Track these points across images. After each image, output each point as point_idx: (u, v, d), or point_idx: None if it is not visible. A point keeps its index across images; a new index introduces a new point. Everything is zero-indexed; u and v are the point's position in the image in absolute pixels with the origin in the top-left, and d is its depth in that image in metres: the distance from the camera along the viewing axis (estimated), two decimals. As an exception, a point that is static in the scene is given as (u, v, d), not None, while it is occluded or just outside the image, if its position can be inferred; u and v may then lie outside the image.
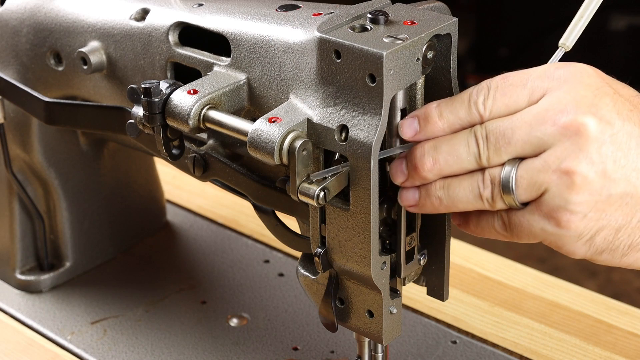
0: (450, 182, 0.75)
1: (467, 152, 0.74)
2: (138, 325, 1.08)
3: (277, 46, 0.82)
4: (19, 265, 1.14)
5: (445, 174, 0.75)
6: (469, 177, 0.75)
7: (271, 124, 0.77)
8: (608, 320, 1.07)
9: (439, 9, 0.80)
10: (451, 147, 0.74)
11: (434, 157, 0.75)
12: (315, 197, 0.76)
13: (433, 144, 0.75)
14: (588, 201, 0.72)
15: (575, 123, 0.71)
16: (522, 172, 0.73)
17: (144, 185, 1.21)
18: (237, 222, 1.25)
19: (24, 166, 1.11)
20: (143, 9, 0.93)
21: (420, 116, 0.76)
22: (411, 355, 1.02)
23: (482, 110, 0.74)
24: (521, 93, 0.74)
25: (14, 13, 1.03)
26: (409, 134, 0.76)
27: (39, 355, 1.04)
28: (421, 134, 0.76)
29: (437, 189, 0.76)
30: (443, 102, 0.76)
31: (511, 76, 0.75)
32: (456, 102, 0.75)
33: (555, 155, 0.71)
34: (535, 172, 0.72)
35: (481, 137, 0.74)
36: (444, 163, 0.75)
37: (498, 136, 0.73)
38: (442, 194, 0.76)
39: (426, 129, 0.76)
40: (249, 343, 1.04)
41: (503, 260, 1.18)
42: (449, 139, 0.75)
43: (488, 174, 0.74)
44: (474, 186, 0.75)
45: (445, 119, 0.75)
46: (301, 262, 0.86)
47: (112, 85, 0.97)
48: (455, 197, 0.75)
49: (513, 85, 0.74)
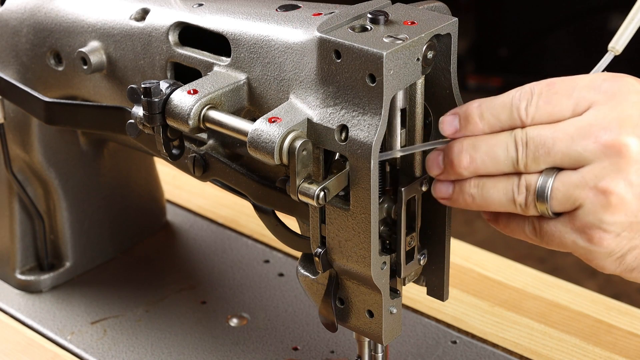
0: (485, 182, 0.75)
1: (505, 155, 0.74)
2: (138, 325, 1.08)
3: (277, 46, 0.82)
4: (19, 265, 1.14)
5: (480, 173, 0.75)
6: (504, 179, 0.75)
7: (271, 124, 0.77)
8: (608, 320, 1.07)
9: (439, 9, 0.80)
10: (490, 147, 0.74)
11: (472, 156, 0.75)
12: (315, 197, 0.76)
13: (472, 142, 0.75)
14: (622, 222, 0.71)
15: (617, 143, 0.71)
16: (558, 184, 0.72)
17: (144, 185, 1.21)
18: (237, 222, 1.25)
19: (24, 166, 1.11)
20: (143, 9, 0.93)
21: (461, 115, 0.76)
22: (411, 355, 1.02)
23: (524, 115, 0.74)
24: (566, 103, 0.73)
25: (14, 13, 1.03)
26: (449, 132, 0.76)
27: (39, 355, 1.04)
28: (461, 132, 0.76)
29: (471, 187, 0.76)
30: (485, 102, 0.75)
31: (557, 83, 0.74)
32: (498, 105, 0.75)
33: (594, 173, 0.71)
34: (572, 186, 0.72)
35: (521, 143, 0.73)
36: (481, 162, 0.74)
37: (538, 144, 0.73)
38: (475, 192, 0.76)
39: (466, 128, 0.75)
40: (249, 343, 1.04)
41: (503, 260, 1.18)
42: (489, 139, 0.74)
43: (524, 179, 0.74)
44: (508, 190, 0.74)
45: (486, 121, 0.75)
46: (301, 262, 0.86)
47: (112, 85, 0.97)
48: (489, 198, 0.75)
49: (558, 93, 0.73)
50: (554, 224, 0.74)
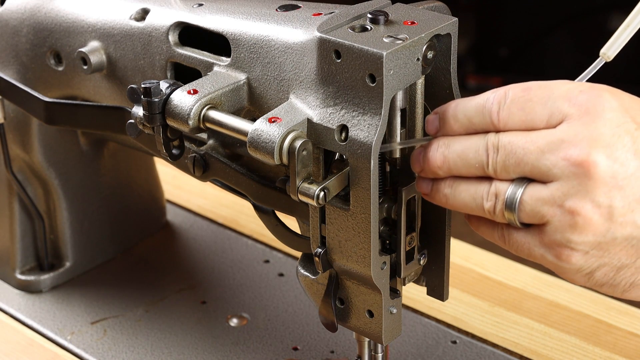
0: (458, 184, 0.75)
1: (475, 158, 0.73)
2: (138, 325, 1.08)
3: (277, 46, 0.82)
4: (19, 265, 1.14)
5: (453, 173, 0.75)
6: (475, 183, 0.74)
7: (271, 124, 0.77)
8: (608, 320, 1.07)
9: (439, 9, 0.80)
10: (462, 149, 0.74)
11: (445, 155, 0.75)
12: (315, 197, 0.76)
13: (447, 142, 0.75)
14: (590, 241, 0.71)
15: (586, 162, 0.69)
16: (526, 198, 0.71)
17: (144, 185, 1.21)
18: (237, 222, 1.25)
19: (24, 166, 1.11)
20: (143, 9, 0.93)
21: (440, 114, 0.76)
22: (411, 355, 1.02)
23: (495, 120, 0.73)
24: (540, 112, 0.72)
25: (14, 13, 1.03)
26: (430, 131, 0.76)
27: (39, 355, 1.04)
28: (440, 132, 0.76)
29: (446, 187, 0.76)
30: (461, 103, 0.75)
31: (533, 89, 0.72)
32: (472, 107, 0.74)
33: (562, 191, 0.70)
34: (540, 202, 0.71)
35: (492, 148, 0.72)
36: (453, 163, 0.74)
37: (509, 153, 0.72)
38: (449, 193, 0.76)
39: (444, 128, 0.75)
40: (249, 343, 1.04)
41: (503, 260, 1.18)
42: (463, 141, 0.74)
43: (494, 187, 0.73)
44: (477, 194, 0.74)
45: (460, 123, 0.74)
46: (301, 262, 0.86)
47: (112, 85, 0.97)
48: (460, 199, 0.75)
49: (532, 101, 0.72)
50: (522, 235, 0.74)
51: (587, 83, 0.73)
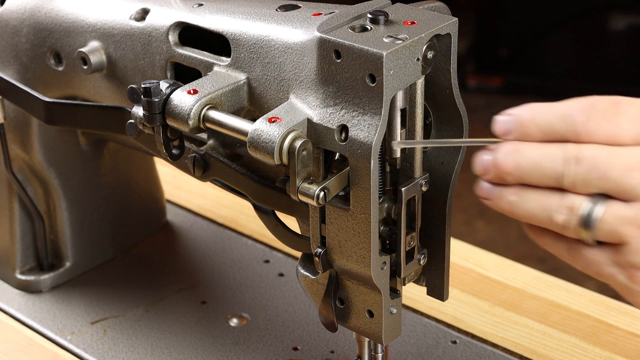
0: (526, 193, 0.71)
1: (552, 168, 0.69)
2: (138, 325, 1.08)
3: (277, 46, 0.82)
4: (19, 265, 1.14)
5: (524, 181, 0.71)
6: (546, 194, 0.70)
7: (271, 124, 0.77)
8: (608, 320, 1.07)
9: (439, 9, 0.80)
10: (538, 157, 0.70)
11: (518, 162, 0.71)
12: (315, 197, 0.76)
13: (520, 148, 0.71)
14: None
15: None
16: (607, 216, 0.68)
17: (144, 185, 1.21)
18: (237, 222, 1.25)
19: (24, 166, 1.11)
20: (143, 9, 0.93)
21: (515, 117, 0.71)
22: (411, 355, 1.02)
23: (581, 131, 0.69)
24: (628, 128, 0.68)
25: (14, 13, 1.03)
26: (500, 132, 0.72)
27: (39, 355, 1.04)
28: (512, 135, 0.71)
29: (512, 194, 0.72)
30: (540, 109, 0.71)
31: (623, 104, 0.69)
32: (554, 114, 0.70)
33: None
34: (621, 221, 0.68)
35: (573, 159, 0.69)
36: (526, 171, 0.70)
37: (592, 166, 0.68)
38: (514, 201, 0.72)
39: (518, 132, 0.71)
40: (249, 343, 1.04)
41: (503, 260, 1.18)
42: (538, 148, 0.70)
43: (569, 200, 0.69)
44: (548, 206, 0.70)
45: (540, 128, 0.70)
46: (301, 262, 0.86)
47: (112, 85, 0.97)
48: (526, 209, 0.71)
49: (623, 116, 0.69)
50: (594, 252, 0.71)
51: None
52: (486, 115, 3.70)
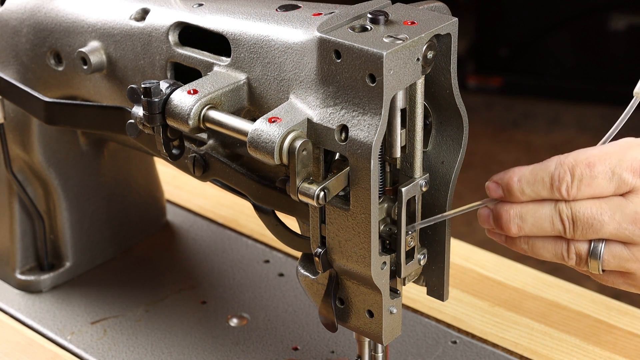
0: (534, 242, 0.79)
1: (551, 227, 0.77)
2: (138, 325, 1.08)
3: (277, 46, 0.82)
4: (19, 265, 1.14)
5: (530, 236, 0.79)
6: (553, 241, 0.79)
7: (271, 124, 0.77)
8: (608, 320, 1.07)
9: (439, 9, 0.80)
10: (536, 220, 0.77)
11: (519, 226, 0.78)
12: (315, 197, 0.76)
13: (519, 214, 0.78)
14: None
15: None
16: (609, 257, 0.77)
17: (144, 185, 1.21)
18: (237, 222, 1.25)
19: (24, 166, 1.11)
20: (143, 9, 0.93)
21: (504, 186, 0.78)
22: (411, 355, 1.02)
23: (565, 195, 0.76)
24: (606, 186, 0.76)
25: (14, 13, 1.03)
26: (494, 196, 0.79)
27: (39, 355, 1.04)
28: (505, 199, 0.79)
29: (522, 243, 0.80)
30: (523, 178, 0.77)
31: (596, 167, 0.76)
32: (538, 182, 0.77)
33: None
34: (624, 260, 0.77)
35: (567, 219, 0.76)
36: (529, 231, 0.78)
37: (585, 224, 0.76)
38: (526, 248, 0.80)
39: (510, 199, 0.78)
40: (249, 343, 1.04)
41: (503, 260, 1.18)
42: (534, 212, 0.77)
43: (573, 247, 0.78)
44: (557, 252, 0.78)
45: (527, 195, 0.77)
46: (301, 262, 0.86)
47: (112, 85, 0.97)
48: (539, 253, 0.80)
49: (598, 178, 0.76)
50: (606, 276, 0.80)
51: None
52: (486, 115, 3.70)
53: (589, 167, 0.76)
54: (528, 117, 3.23)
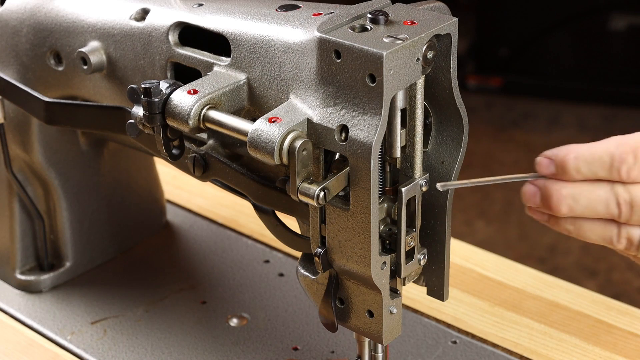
0: (582, 224, 0.76)
1: (606, 210, 0.74)
2: (138, 325, 1.08)
3: (277, 46, 0.82)
4: (19, 265, 1.14)
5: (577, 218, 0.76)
6: (603, 225, 0.76)
7: (271, 124, 0.77)
8: (608, 320, 1.07)
9: (439, 9, 0.80)
10: (590, 202, 0.74)
11: (571, 206, 0.75)
12: (315, 197, 0.76)
13: (572, 194, 0.75)
14: None
15: None
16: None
17: (144, 185, 1.21)
18: (237, 222, 1.25)
19: (24, 166, 1.11)
20: (143, 9, 0.94)
21: (558, 163, 0.75)
22: (411, 355, 1.03)
23: (624, 177, 0.73)
24: None
25: (14, 13, 1.03)
26: (545, 173, 0.76)
27: (39, 355, 1.04)
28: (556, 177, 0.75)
29: (568, 224, 0.77)
30: (581, 155, 0.74)
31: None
32: (596, 161, 0.74)
33: None
34: None
35: (624, 203, 0.74)
36: (580, 213, 0.75)
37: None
38: (572, 229, 0.77)
39: (562, 176, 0.75)
40: (249, 343, 1.04)
41: (503, 260, 1.18)
42: (589, 193, 0.74)
43: (625, 231, 0.75)
44: (606, 235, 0.76)
45: (582, 174, 0.74)
46: (301, 262, 0.86)
47: (112, 85, 0.97)
48: (585, 236, 0.77)
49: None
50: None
51: None
52: (486, 115, 3.70)
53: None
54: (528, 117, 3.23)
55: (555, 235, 2.50)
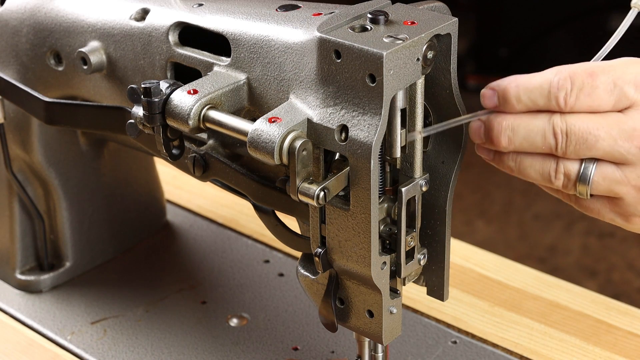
0: (522, 159, 0.76)
1: (543, 141, 0.74)
2: (138, 325, 1.08)
3: (277, 46, 0.82)
4: (19, 265, 1.14)
5: (519, 151, 0.76)
6: (541, 159, 0.75)
7: (271, 124, 0.77)
8: (608, 320, 1.07)
9: (439, 9, 0.80)
10: (528, 132, 0.74)
11: (510, 138, 0.75)
12: (315, 197, 0.76)
13: (511, 126, 0.75)
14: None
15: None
16: (599, 179, 0.74)
17: (144, 185, 1.21)
18: (237, 222, 1.25)
19: (24, 166, 1.11)
20: (143, 9, 0.94)
21: (499, 93, 0.76)
22: (411, 355, 1.03)
23: (562, 105, 0.73)
24: (607, 99, 0.73)
25: (14, 13, 1.03)
26: (488, 106, 0.76)
27: (39, 355, 1.04)
28: (499, 108, 0.76)
29: (510, 160, 0.77)
30: (522, 84, 0.75)
31: (598, 77, 0.73)
32: (535, 89, 0.74)
33: (636, 174, 0.73)
34: (614, 182, 0.74)
35: (561, 133, 0.74)
36: (519, 145, 0.75)
37: (580, 139, 0.73)
38: (513, 165, 0.77)
39: (504, 107, 0.75)
40: (249, 343, 1.04)
41: (503, 260, 1.18)
42: (527, 123, 0.75)
43: (562, 166, 0.75)
44: (545, 171, 0.75)
45: (523, 104, 0.75)
46: (301, 262, 0.86)
47: (112, 85, 0.97)
48: (525, 172, 0.77)
49: (599, 88, 0.73)
50: (593, 202, 0.76)
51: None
52: (486, 115, 3.64)
53: (591, 76, 0.73)
54: (528, 117, 3.22)
55: (555, 235, 2.50)
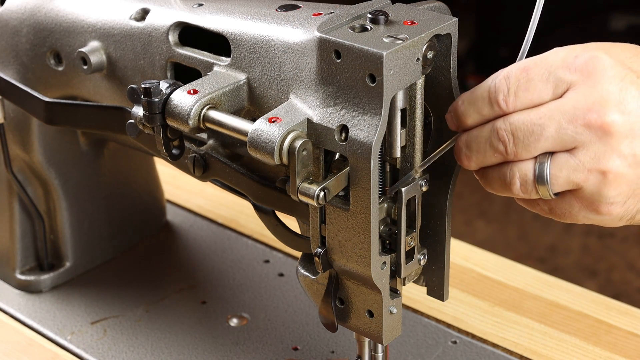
0: (485, 172, 0.77)
1: (492, 149, 0.74)
2: (138, 325, 1.08)
3: (277, 46, 0.82)
4: (19, 265, 1.14)
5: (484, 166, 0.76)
6: (498, 169, 0.76)
7: (271, 124, 0.77)
8: (608, 320, 1.07)
9: (439, 9, 0.80)
10: (478, 145, 0.75)
11: (467, 155, 0.76)
12: (315, 197, 0.76)
13: (465, 143, 0.76)
14: (625, 192, 0.73)
15: (605, 124, 0.72)
16: (556, 171, 0.73)
17: (144, 185, 1.21)
18: (237, 222, 1.25)
19: (24, 166, 1.11)
20: (143, 9, 0.94)
21: (454, 114, 0.77)
22: (411, 355, 1.03)
23: (504, 106, 0.74)
24: (544, 88, 0.74)
25: (14, 13, 1.03)
26: (452, 129, 0.78)
27: (39, 355, 1.04)
28: (460, 129, 0.77)
29: (479, 176, 0.78)
30: (466, 98, 0.76)
31: (531, 69, 0.74)
32: (478, 99, 0.75)
33: (589, 156, 0.72)
34: (571, 170, 0.73)
35: (506, 134, 0.74)
36: (477, 160, 0.76)
37: (526, 133, 0.73)
38: (482, 182, 0.78)
39: (461, 126, 0.77)
40: (249, 343, 1.04)
41: (503, 260, 1.18)
42: (476, 136, 0.75)
43: (517, 169, 0.74)
44: (505, 179, 0.75)
45: (472, 118, 0.76)
46: (301, 262, 0.86)
47: (112, 85, 0.97)
48: (492, 186, 0.77)
49: (534, 80, 0.74)
50: (560, 202, 0.76)
51: (578, 46, 0.77)
52: (486, 115, 3.63)
53: (525, 71, 0.74)
54: (528, 117, 3.23)
55: (555, 235, 2.50)
